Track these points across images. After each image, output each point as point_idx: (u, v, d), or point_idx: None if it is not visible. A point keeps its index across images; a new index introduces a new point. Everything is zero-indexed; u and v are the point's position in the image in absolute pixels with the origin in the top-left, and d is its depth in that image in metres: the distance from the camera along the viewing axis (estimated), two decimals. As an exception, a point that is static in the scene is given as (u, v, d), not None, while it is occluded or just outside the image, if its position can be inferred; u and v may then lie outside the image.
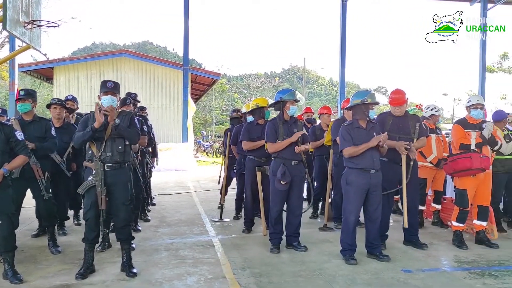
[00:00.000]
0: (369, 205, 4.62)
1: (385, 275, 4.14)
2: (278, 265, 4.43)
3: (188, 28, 16.55)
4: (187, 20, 16.48)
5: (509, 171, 6.01)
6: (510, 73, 29.60)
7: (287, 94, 4.98)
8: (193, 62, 54.98)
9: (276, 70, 76.11)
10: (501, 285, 3.92)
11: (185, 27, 16.51)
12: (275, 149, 4.90)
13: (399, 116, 5.11)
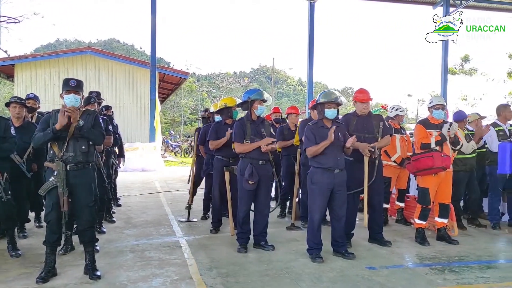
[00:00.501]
0: (334, 204, 4.68)
1: (350, 272, 4.21)
2: (245, 264, 4.43)
3: (155, 26, 16.32)
4: (154, 18, 16.25)
5: (469, 169, 6.23)
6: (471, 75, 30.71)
7: (255, 94, 4.99)
8: (161, 60, 54.35)
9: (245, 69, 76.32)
10: (460, 280, 4.05)
11: (152, 25, 16.28)
12: (242, 150, 4.90)
13: (363, 116, 5.21)
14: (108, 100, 15.11)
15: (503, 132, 6.27)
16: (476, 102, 30.53)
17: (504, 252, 5.17)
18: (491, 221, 6.29)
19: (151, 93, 16.90)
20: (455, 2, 17.47)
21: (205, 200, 6.66)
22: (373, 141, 5.10)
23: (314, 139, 4.61)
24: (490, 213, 6.38)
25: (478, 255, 4.89)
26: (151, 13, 16.24)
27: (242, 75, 57.69)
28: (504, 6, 18.22)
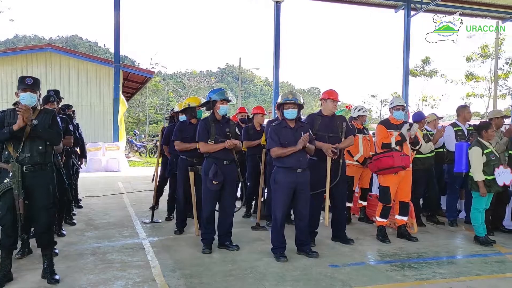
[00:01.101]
0: (297, 203, 4.73)
1: (314, 270, 4.26)
2: (210, 265, 4.40)
3: (119, 23, 15.98)
4: (118, 14, 15.91)
5: (428, 168, 6.43)
6: (431, 77, 31.74)
7: (217, 93, 4.97)
8: (125, 59, 53.36)
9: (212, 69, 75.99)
10: (419, 276, 4.17)
11: (116, 22, 15.93)
12: (207, 150, 4.87)
13: (328, 116, 5.28)
14: (69, 99, 14.70)
15: (461, 132, 6.51)
16: (436, 103, 31.57)
17: (461, 248, 5.37)
18: (449, 218, 6.52)
19: (115, 92, 16.56)
20: (416, 6, 18.00)
21: (169, 201, 6.59)
22: (337, 141, 5.18)
23: (277, 139, 4.64)
24: (448, 211, 6.62)
25: (436, 251, 5.06)
26: (115, 9, 15.90)
27: (209, 75, 57.36)
28: (461, 11, 18.90)
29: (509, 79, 26.49)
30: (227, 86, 63.02)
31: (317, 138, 5.10)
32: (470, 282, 4.01)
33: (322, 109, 5.36)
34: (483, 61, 28.78)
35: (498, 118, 6.34)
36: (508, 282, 4.06)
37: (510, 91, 27.64)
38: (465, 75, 29.61)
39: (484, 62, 28.87)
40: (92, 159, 14.11)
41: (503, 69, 28.31)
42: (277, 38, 17.08)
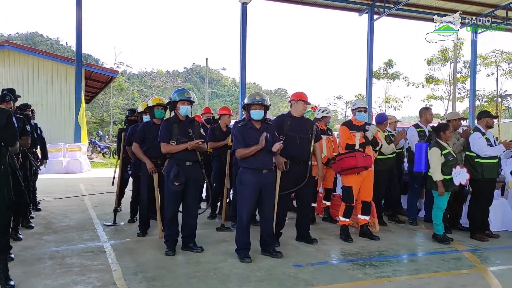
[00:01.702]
0: (263, 204, 4.73)
1: (278, 271, 4.28)
2: (173, 267, 4.35)
3: (81, 20, 15.57)
4: (80, 11, 15.50)
5: (390, 168, 6.58)
6: (394, 79, 32.56)
7: (177, 93, 4.92)
8: (88, 57, 52.02)
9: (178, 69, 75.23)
10: (380, 274, 4.27)
11: (77, 19, 15.52)
12: (168, 150, 4.81)
13: (297, 117, 5.32)
14: (29, 98, 14.20)
15: (423, 133, 6.70)
16: (398, 104, 32.39)
17: (420, 246, 5.52)
18: (409, 217, 6.71)
19: (76, 92, 16.12)
20: (379, 10, 18.44)
21: (132, 203, 6.46)
22: (307, 142, 5.22)
23: (242, 140, 4.63)
24: (408, 210, 6.80)
25: (397, 250, 5.19)
26: (76, 6, 15.50)
27: (175, 75, 56.72)
28: (422, 15, 19.52)
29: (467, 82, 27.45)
30: (194, 87, 62.52)
31: (287, 138, 5.12)
32: (429, 279, 4.13)
33: (291, 111, 5.40)
34: (442, 64, 29.82)
35: (456, 120, 6.56)
36: (464, 278, 4.21)
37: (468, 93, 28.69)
38: (425, 78, 30.58)
39: (443, 66, 29.92)
40: (52, 160, 13.67)
41: (461, 72, 29.40)
42: (243, 38, 17.11)
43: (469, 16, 19.47)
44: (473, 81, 21.66)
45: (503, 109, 32.38)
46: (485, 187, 5.76)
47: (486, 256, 4.99)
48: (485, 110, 6.43)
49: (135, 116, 7.04)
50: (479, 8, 18.83)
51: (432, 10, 18.71)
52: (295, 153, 5.13)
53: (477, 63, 22.68)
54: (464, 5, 18.25)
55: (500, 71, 28.51)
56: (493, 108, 27.19)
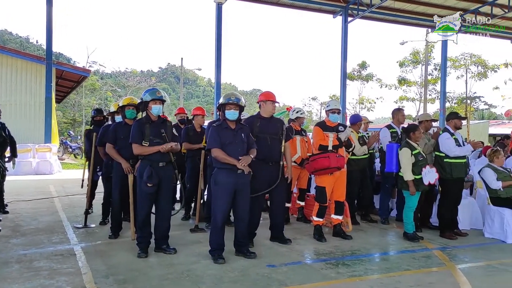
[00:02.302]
0: (238, 204, 4.72)
1: (251, 271, 4.28)
2: (145, 269, 4.29)
3: (51, 18, 15.19)
4: (50, 8, 15.11)
5: (362, 169, 6.67)
6: (368, 80, 33.06)
7: (148, 93, 4.84)
8: (60, 56, 50.91)
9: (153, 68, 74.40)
10: (352, 273, 4.32)
11: (48, 16, 15.13)
12: (140, 152, 4.74)
13: (266, 118, 5.33)
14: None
15: (395, 133, 6.81)
16: (371, 105, 32.90)
17: (392, 245, 5.62)
18: (381, 216, 6.82)
19: (47, 91, 15.73)
20: (353, 12, 18.68)
21: (104, 204, 6.34)
22: (278, 142, 5.24)
23: (218, 139, 4.62)
24: (380, 209, 6.91)
25: (369, 249, 5.26)
26: (47, 3, 15.11)
27: (150, 74, 56.03)
28: (395, 18, 19.88)
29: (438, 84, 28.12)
30: (169, 87, 61.98)
31: (258, 139, 5.13)
32: (399, 277, 4.20)
33: (261, 111, 5.40)
34: (414, 66, 30.46)
35: (427, 121, 6.70)
36: (433, 276, 4.30)
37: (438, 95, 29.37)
38: (398, 80, 31.17)
39: (415, 68, 30.57)
40: (21, 162, 13.34)
41: (432, 74, 30.10)
42: (218, 39, 17.05)
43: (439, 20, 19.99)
44: (443, 83, 22.18)
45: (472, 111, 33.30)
46: (454, 186, 5.91)
47: (455, 254, 5.11)
48: (454, 111, 6.58)
49: (101, 117, 6.93)
50: (448, 12, 19.25)
51: (404, 13, 19.10)
52: (266, 154, 5.13)
53: (447, 66, 23.21)
54: (434, 8, 18.68)
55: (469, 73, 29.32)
56: (463, 109, 27.96)
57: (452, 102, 32.03)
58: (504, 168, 6.27)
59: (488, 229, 6.03)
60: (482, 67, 28.58)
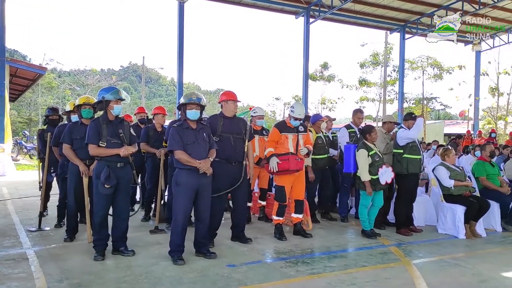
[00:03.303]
0: (199, 205, 4.69)
1: (211, 271, 4.26)
2: (101, 272, 4.18)
3: (4, 13, 14.51)
4: (3, 4, 14.47)
5: (323, 168, 6.76)
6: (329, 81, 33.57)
7: (111, 92, 4.73)
8: (15, 53, 48.88)
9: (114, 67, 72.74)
10: (311, 270, 4.37)
11: (0, 12, 14.49)
12: (97, 153, 4.61)
13: (230, 117, 5.31)
14: None
15: (354, 134, 6.96)
16: (333, 105, 33.43)
17: (351, 242, 5.73)
18: (341, 214, 6.95)
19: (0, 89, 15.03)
20: (314, 14, 18.95)
21: (59, 206, 6.12)
22: (241, 142, 5.23)
23: (180, 140, 4.56)
24: (340, 207, 7.05)
25: (328, 246, 5.35)
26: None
27: (110, 73, 54.71)
28: (355, 21, 20.31)
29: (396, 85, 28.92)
30: (131, 86, 60.86)
31: (222, 139, 5.11)
32: (356, 274, 4.29)
33: (223, 111, 5.38)
34: (374, 68, 31.20)
35: (390, 123, 6.87)
36: (389, 272, 4.42)
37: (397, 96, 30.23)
38: (359, 81, 31.84)
39: (375, 69, 31.31)
40: (-29, 163, 12.71)
41: (391, 75, 30.93)
42: (180, 38, 16.87)
43: (398, 23, 20.60)
44: (401, 85, 22.88)
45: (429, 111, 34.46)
46: (409, 182, 6.11)
47: (410, 250, 5.28)
48: (409, 112, 6.79)
49: (56, 116, 6.71)
50: (407, 15, 19.92)
51: (364, 15, 19.53)
52: (230, 154, 5.13)
53: (405, 68, 23.93)
54: (393, 11, 19.23)
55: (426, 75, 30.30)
56: (420, 110, 28.87)
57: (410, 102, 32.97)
58: (456, 166, 6.53)
59: (441, 225, 6.26)
60: (438, 69, 29.61)
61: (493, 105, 28.28)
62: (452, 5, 17.88)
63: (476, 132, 20.49)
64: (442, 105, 39.43)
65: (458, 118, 37.41)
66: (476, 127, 22.81)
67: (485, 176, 6.62)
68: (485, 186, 6.57)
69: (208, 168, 4.58)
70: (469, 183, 6.26)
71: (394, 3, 18.39)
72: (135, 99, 53.02)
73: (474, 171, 6.77)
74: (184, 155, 4.51)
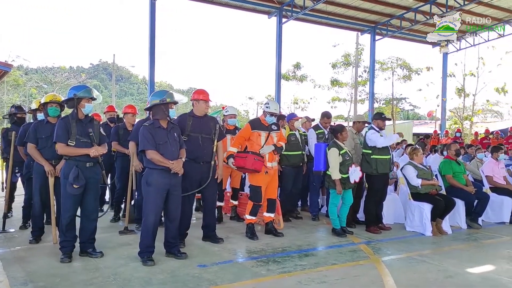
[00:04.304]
0: (169, 205, 4.65)
1: (181, 272, 4.22)
2: (68, 275, 4.08)
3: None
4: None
5: (295, 165, 6.79)
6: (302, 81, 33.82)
7: (82, 91, 4.62)
8: (-22, 49, 47.11)
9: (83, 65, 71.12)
10: (282, 269, 4.39)
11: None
12: (66, 153, 4.50)
13: (200, 117, 5.28)
14: None
15: (322, 134, 7.03)
16: (305, 105, 33.70)
17: (321, 241, 5.79)
18: (312, 213, 7.01)
19: (-38, 86, 14.50)
20: (287, 14, 19.03)
21: (25, 208, 5.94)
22: (210, 142, 5.20)
23: (152, 139, 4.50)
24: (311, 206, 7.11)
25: (299, 245, 5.38)
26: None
27: (80, 71, 53.55)
28: (327, 21, 20.51)
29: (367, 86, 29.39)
30: (101, 84, 59.71)
31: (190, 138, 5.08)
32: (326, 272, 4.34)
33: (194, 110, 5.34)
34: (345, 68, 31.61)
35: (359, 123, 6.96)
36: (358, 269, 4.49)
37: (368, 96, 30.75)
38: (330, 81, 32.20)
39: (346, 70, 31.72)
40: None
41: (362, 76, 31.41)
42: (152, 35, 16.61)
43: (368, 24, 20.94)
44: (371, 85, 23.26)
45: (398, 111, 35.20)
46: (379, 182, 6.21)
47: (379, 248, 5.37)
48: (378, 112, 6.91)
49: (22, 114, 6.52)
50: (377, 17, 20.25)
51: (336, 16, 19.74)
52: (198, 154, 5.10)
53: (375, 68, 24.34)
54: (364, 13, 19.51)
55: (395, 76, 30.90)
56: (390, 110, 29.44)
57: (380, 102, 33.55)
58: (423, 165, 6.69)
59: (409, 223, 6.40)
60: (407, 70, 30.25)
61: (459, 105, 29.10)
62: (421, 8, 18.29)
63: (443, 132, 21.04)
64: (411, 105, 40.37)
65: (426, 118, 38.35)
66: (443, 127, 23.43)
67: (451, 174, 6.81)
68: (451, 184, 6.76)
69: (180, 168, 4.55)
70: (435, 182, 6.42)
71: (365, 5, 18.66)
72: (106, 97, 51.96)
73: (441, 170, 6.95)
74: (156, 155, 4.46)
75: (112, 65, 42.00)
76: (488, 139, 15.87)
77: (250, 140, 5.67)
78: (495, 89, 28.44)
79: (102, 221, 4.93)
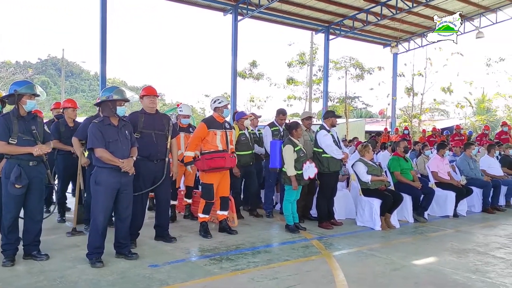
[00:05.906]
0: (119, 204, 4.54)
1: (132, 273, 4.13)
2: (10, 279, 3.89)
3: None
4: None
5: (246, 164, 6.80)
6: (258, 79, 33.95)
7: (24, 87, 4.40)
8: None
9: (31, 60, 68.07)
10: (235, 267, 4.39)
11: None
12: (7, 151, 4.27)
13: (151, 114, 5.18)
14: None
15: (277, 132, 7.08)
16: (261, 103, 33.86)
17: (275, 237, 5.84)
18: (266, 210, 7.06)
19: None
20: (242, 12, 19.03)
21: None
22: (164, 139, 5.11)
23: (102, 137, 4.37)
24: (265, 203, 7.15)
25: (253, 242, 5.40)
26: None
27: (27, 66, 51.08)
28: (282, 20, 20.69)
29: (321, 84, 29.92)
30: (50, 80, 57.36)
31: (143, 135, 4.98)
32: (279, 268, 4.38)
33: (143, 107, 5.25)
34: (301, 67, 32.04)
35: (303, 120, 7.08)
36: (310, 265, 4.56)
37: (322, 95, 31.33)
38: (286, 80, 32.54)
39: (302, 68, 32.15)
40: None
41: (317, 75, 31.95)
42: (103, 30, 16.09)
43: (322, 24, 21.32)
44: (325, 84, 23.72)
45: (351, 110, 36.07)
46: (330, 179, 6.35)
47: (331, 243, 5.49)
48: (331, 110, 7.05)
49: None
50: (330, 17, 20.63)
51: (291, 15, 19.94)
52: (152, 151, 5.01)
53: (329, 67, 24.83)
54: (318, 13, 19.83)
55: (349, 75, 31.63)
56: (343, 108, 30.12)
57: (334, 101, 34.24)
58: (373, 162, 6.89)
59: (360, 218, 6.58)
60: (360, 69, 31.05)
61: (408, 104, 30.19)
62: (372, 9, 18.82)
63: (393, 130, 21.79)
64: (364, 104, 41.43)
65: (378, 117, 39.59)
66: (393, 125, 24.26)
67: (399, 171, 7.06)
68: (399, 180, 7.01)
69: (131, 167, 4.45)
70: (384, 178, 6.64)
71: (319, 5, 18.96)
72: (55, 94, 49.96)
73: (390, 166, 7.19)
74: (106, 153, 4.33)
75: (62, 60, 40.39)
76: (434, 136, 16.61)
77: (205, 140, 5.59)
78: (442, 88, 29.72)
79: (49, 222, 4.73)
